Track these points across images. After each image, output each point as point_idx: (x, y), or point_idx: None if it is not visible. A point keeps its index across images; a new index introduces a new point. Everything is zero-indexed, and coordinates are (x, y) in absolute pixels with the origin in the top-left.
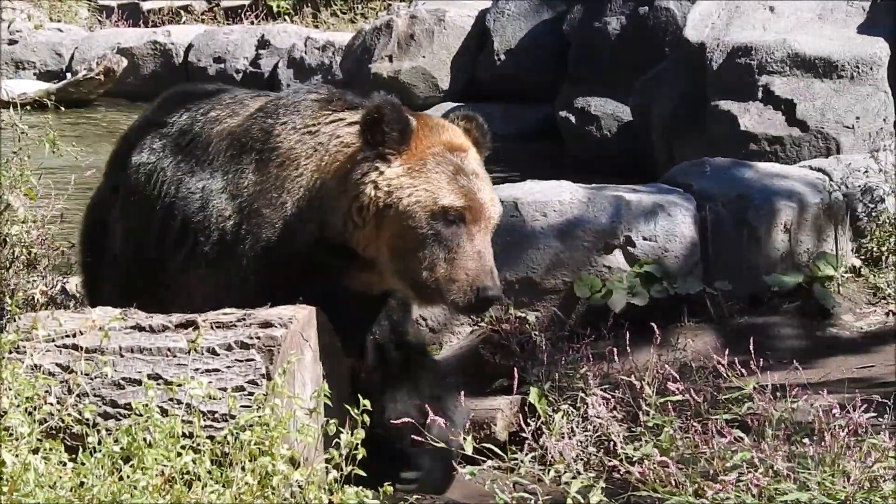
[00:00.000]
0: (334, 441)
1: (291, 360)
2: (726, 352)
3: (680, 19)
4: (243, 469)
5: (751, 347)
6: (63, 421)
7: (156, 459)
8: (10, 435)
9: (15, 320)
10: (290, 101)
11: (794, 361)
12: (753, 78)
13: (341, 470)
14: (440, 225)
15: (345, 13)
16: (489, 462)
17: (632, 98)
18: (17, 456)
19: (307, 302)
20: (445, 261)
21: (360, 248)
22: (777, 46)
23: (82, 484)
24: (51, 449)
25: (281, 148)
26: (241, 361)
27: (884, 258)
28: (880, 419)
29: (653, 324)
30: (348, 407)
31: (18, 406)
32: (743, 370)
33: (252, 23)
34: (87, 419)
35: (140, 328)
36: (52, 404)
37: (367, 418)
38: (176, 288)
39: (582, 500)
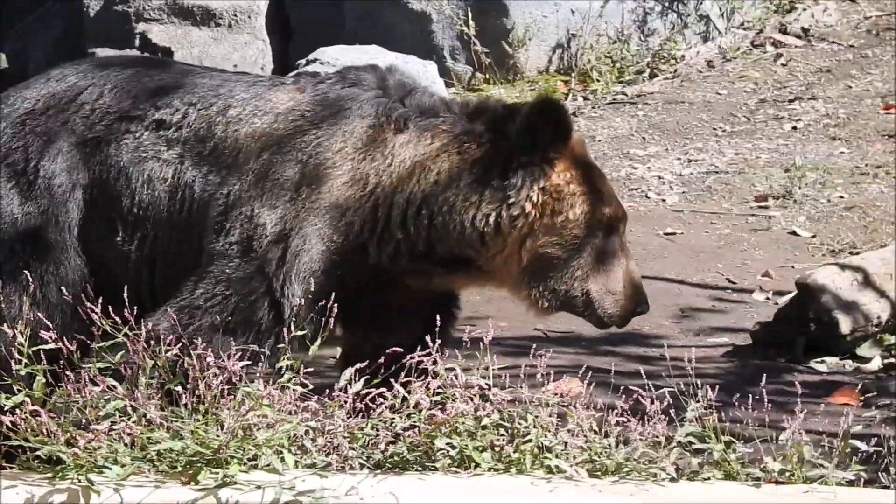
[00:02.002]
0: None
1: None
2: (99, 300)
3: None
4: None
5: (124, 295)
6: None
7: None
8: None
9: None
10: (338, 110)
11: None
12: (131, 25)
13: None
14: (601, 234)
15: None
16: None
17: (7, 45)
18: None
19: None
20: (601, 272)
21: (488, 257)
22: None
23: None
24: None
25: (341, 167)
26: None
27: None
28: (255, 367)
29: None
30: None
31: None
32: (117, 318)
33: None
34: None
35: None
36: None
37: None
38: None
39: None
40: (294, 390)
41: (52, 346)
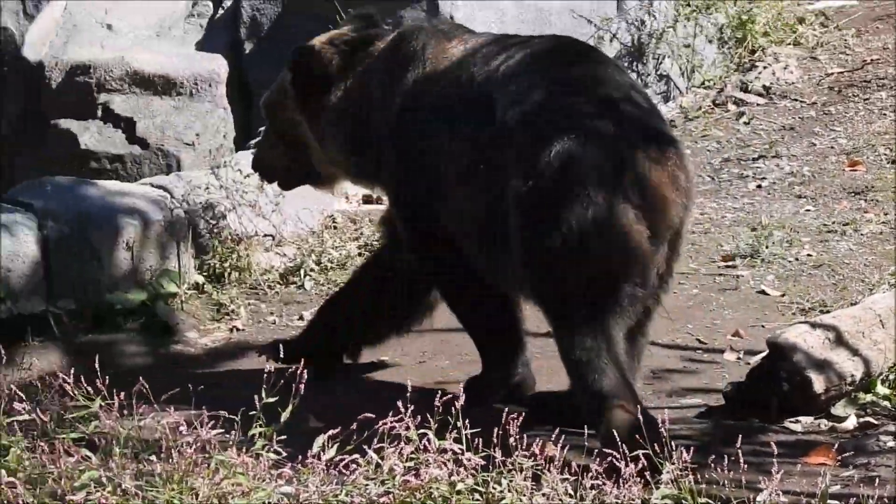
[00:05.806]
0: None
1: None
2: (72, 370)
3: (18, 38)
4: None
5: (95, 365)
6: None
7: None
8: None
9: None
10: None
11: (140, 378)
12: (93, 96)
13: None
14: None
15: None
16: None
17: None
18: None
19: None
20: None
21: None
22: (115, 64)
23: None
24: None
25: None
26: None
27: (226, 274)
28: (228, 435)
29: None
30: None
31: None
32: (89, 388)
33: None
34: None
35: None
36: None
37: None
38: None
39: None
40: (268, 458)
41: (25, 417)
